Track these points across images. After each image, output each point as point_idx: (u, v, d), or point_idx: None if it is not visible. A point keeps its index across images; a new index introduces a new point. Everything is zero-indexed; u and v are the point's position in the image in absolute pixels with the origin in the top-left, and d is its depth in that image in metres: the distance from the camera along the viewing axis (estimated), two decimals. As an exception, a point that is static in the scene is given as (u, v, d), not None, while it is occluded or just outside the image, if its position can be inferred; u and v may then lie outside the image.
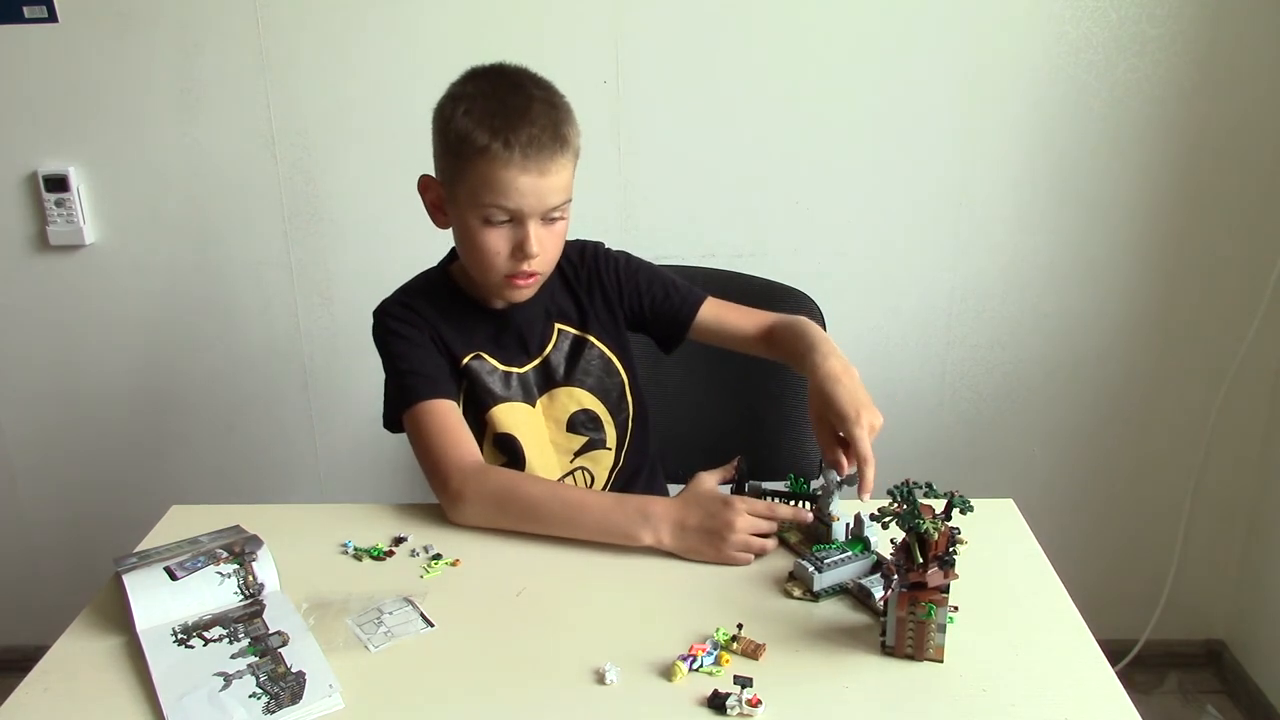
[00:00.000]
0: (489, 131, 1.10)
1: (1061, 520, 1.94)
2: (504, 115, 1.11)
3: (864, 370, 1.96)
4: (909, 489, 0.92)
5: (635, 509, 1.09)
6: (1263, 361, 1.84)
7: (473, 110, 1.12)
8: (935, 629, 0.90)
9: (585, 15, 1.67)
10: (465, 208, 1.15)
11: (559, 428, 1.28)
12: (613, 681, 0.89)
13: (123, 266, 1.82)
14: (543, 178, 1.12)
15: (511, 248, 1.15)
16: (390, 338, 1.23)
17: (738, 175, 1.76)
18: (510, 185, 1.11)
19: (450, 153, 1.14)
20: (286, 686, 0.88)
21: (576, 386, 1.28)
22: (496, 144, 1.10)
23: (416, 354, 1.22)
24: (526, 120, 1.11)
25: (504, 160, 1.10)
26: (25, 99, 1.72)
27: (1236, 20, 1.66)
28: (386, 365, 1.25)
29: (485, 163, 1.11)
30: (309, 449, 1.94)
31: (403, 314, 1.24)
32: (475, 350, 1.24)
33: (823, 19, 1.68)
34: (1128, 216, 1.77)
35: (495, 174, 1.11)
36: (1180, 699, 1.98)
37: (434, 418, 1.18)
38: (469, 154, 1.12)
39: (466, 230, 1.16)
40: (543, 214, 1.15)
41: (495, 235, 1.15)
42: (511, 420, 1.24)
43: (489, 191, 1.12)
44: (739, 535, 1.05)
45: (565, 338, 1.29)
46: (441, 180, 1.19)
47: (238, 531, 1.10)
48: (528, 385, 1.27)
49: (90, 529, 1.98)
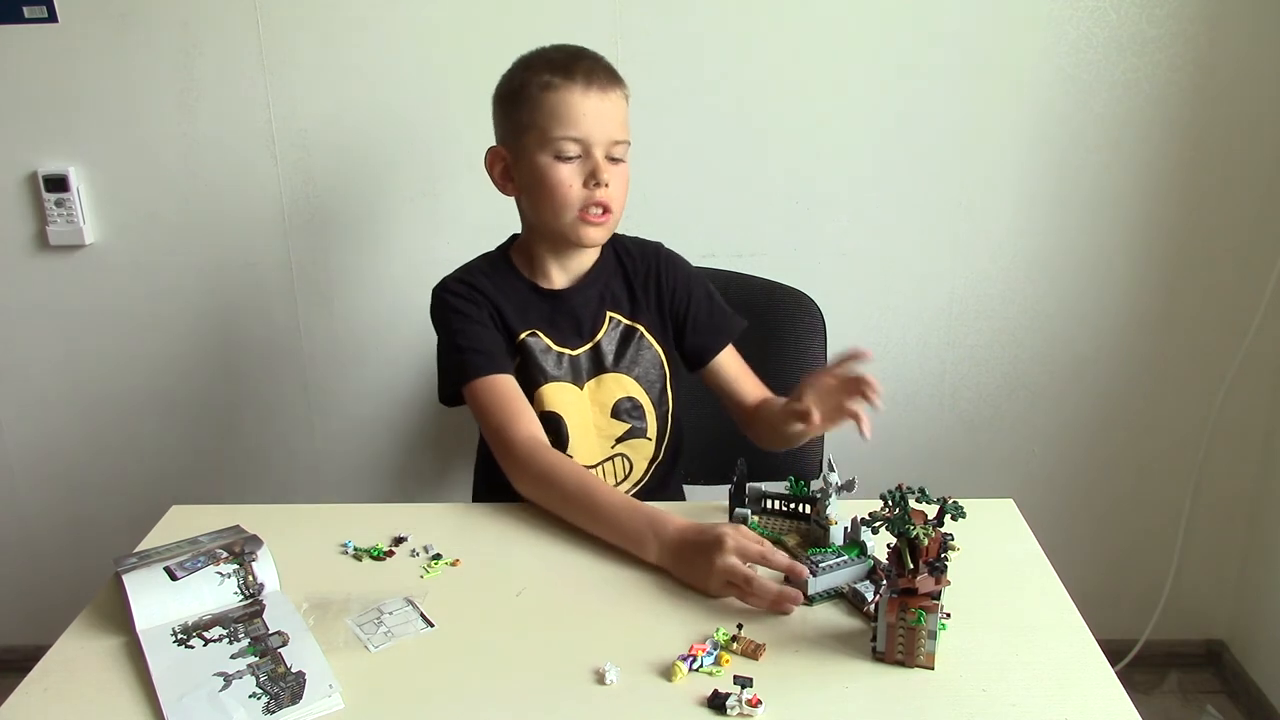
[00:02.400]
0: (549, 69, 1.21)
1: (1061, 520, 1.94)
2: (562, 56, 1.23)
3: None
4: (901, 494, 0.92)
5: (647, 525, 1.08)
6: (1263, 361, 1.84)
7: (533, 65, 1.23)
8: (925, 635, 0.89)
9: (585, 14, 1.67)
10: (535, 152, 1.22)
11: (604, 412, 1.32)
12: (613, 681, 0.89)
13: (123, 266, 1.82)
14: (604, 100, 1.22)
15: (584, 178, 1.22)
16: (450, 314, 1.28)
17: (738, 175, 1.76)
18: (576, 110, 1.20)
19: (516, 106, 1.23)
20: (286, 686, 0.88)
21: (624, 374, 1.32)
22: (558, 76, 1.20)
23: (475, 330, 1.26)
24: (584, 56, 1.24)
25: (567, 88, 1.20)
26: (25, 99, 1.72)
27: (1236, 20, 1.66)
28: (445, 340, 1.29)
29: (551, 94, 1.20)
30: (309, 449, 1.94)
31: (464, 290, 1.28)
32: (531, 328, 1.29)
33: (823, 19, 1.68)
34: (1128, 216, 1.77)
35: (561, 101, 1.20)
36: (1180, 699, 1.98)
37: (495, 393, 1.23)
38: (534, 93, 1.21)
39: (538, 174, 1.22)
40: (608, 144, 1.22)
41: (567, 169, 1.22)
42: (559, 400, 1.28)
43: (557, 123, 1.20)
44: (715, 578, 1.00)
45: (616, 325, 1.33)
46: (507, 143, 1.27)
47: (238, 531, 1.10)
48: (578, 368, 1.31)
49: (90, 529, 1.98)
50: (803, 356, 1.52)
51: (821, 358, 1.52)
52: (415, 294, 1.79)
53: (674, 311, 1.36)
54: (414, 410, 1.90)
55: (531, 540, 1.13)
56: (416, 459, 1.94)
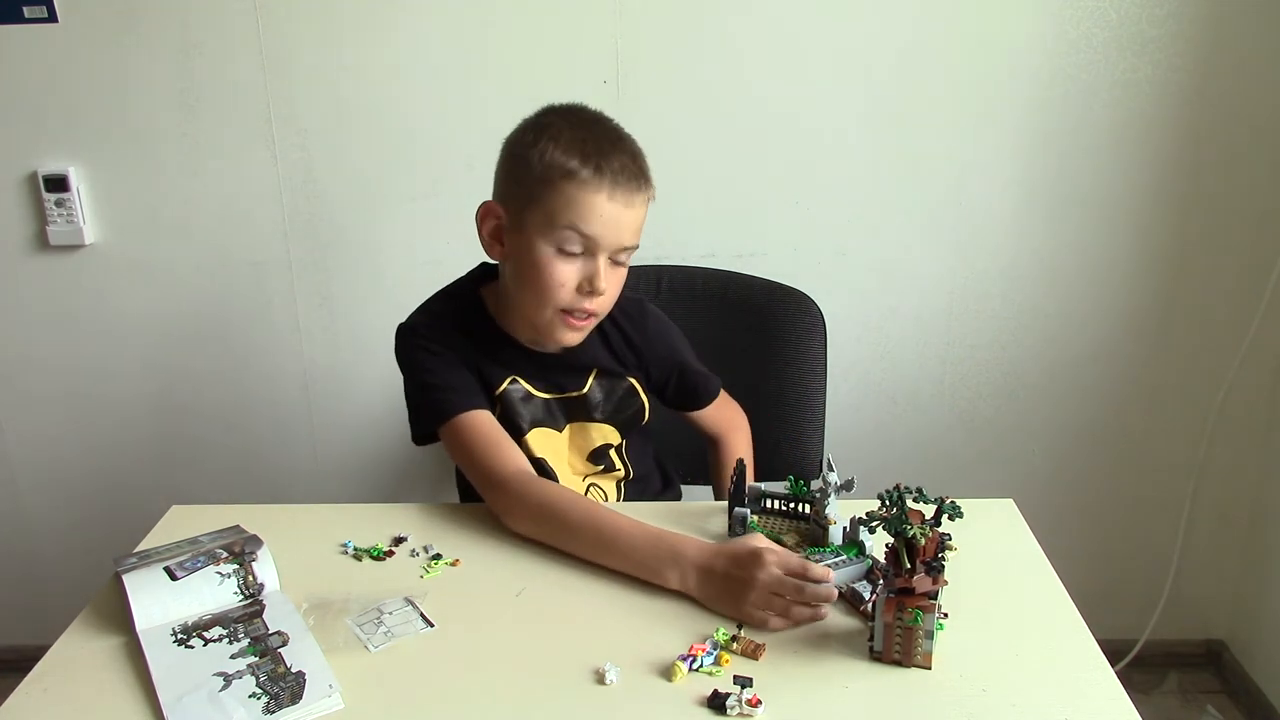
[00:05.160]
0: (580, 156, 1.10)
1: (1061, 520, 1.94)
2: (595, 143, 1.11)
3: (864, 370, 1.96)
4: (899, 493, 0.92)
5: (668, 549, 1.02)
6: (1263, 361, 1.84)
7: (560, 137, 1.11)
8: (922, 635, 0.89)
9: (585, 15, 1.67)
10: (536, 234, 1.12)
11: (581, 456, 1.29)
12: (613, 681, 0.89)
13: (123, 266, 1.82)
14: (627, 209, 1.12)
15: (579, 281, 1.14)
16: (420, 354, 1.21)
17: (738, 175, 1.76)
18: (595, 211, 1.10)
19: (528, 179, 1.12)
20: (286, 686, 0.88)
21: (607, 423, 1.29)
22: (588, 169, 1.10)
23: (447, 370, 1.20)
24: (618, 149, 1.12)
25: (593, 185, 1.10)
26: (25, 99, 1.72)
27: (1236, 20, 1.66)
28: (414, 380, 1.23)
29: (573, 186, 1.10)
30: (309, 449, 1.94)
31: (435, 337, 1.22)
32: (510, 374, 1.23)
33: (823, 19, 1.68)
34: (1127, 216, 1.77)
35: (582, 198, 1.10)
36: (1180, 699, 1.98)
37: (473, 430, 1.17)
38: (554, 178, 1.10)
39: (532, 259, 1.13)
40: (615, 250, 1.14)
41: (565, 266, 1.13)
42: (541, 444, 1.25)
43: (571, 214, 1.10)
44: (758, 593, 0.96)
45: (605, 376, 1.28)
46: (507, 205, 1.16)
47: (238, 531, 1.10)
48: (558, 412, 1.27)
49: (90, 529, 1.98)
50: (803, 356, 1.52)
51: (821, 358, 1.52)
52: (415, 294, 1.77)
53: (655, 378, 1.33)
54: (414, 410, 1.90)
55: (531, 540, 1.13)
56: (417, 459, 1.94)
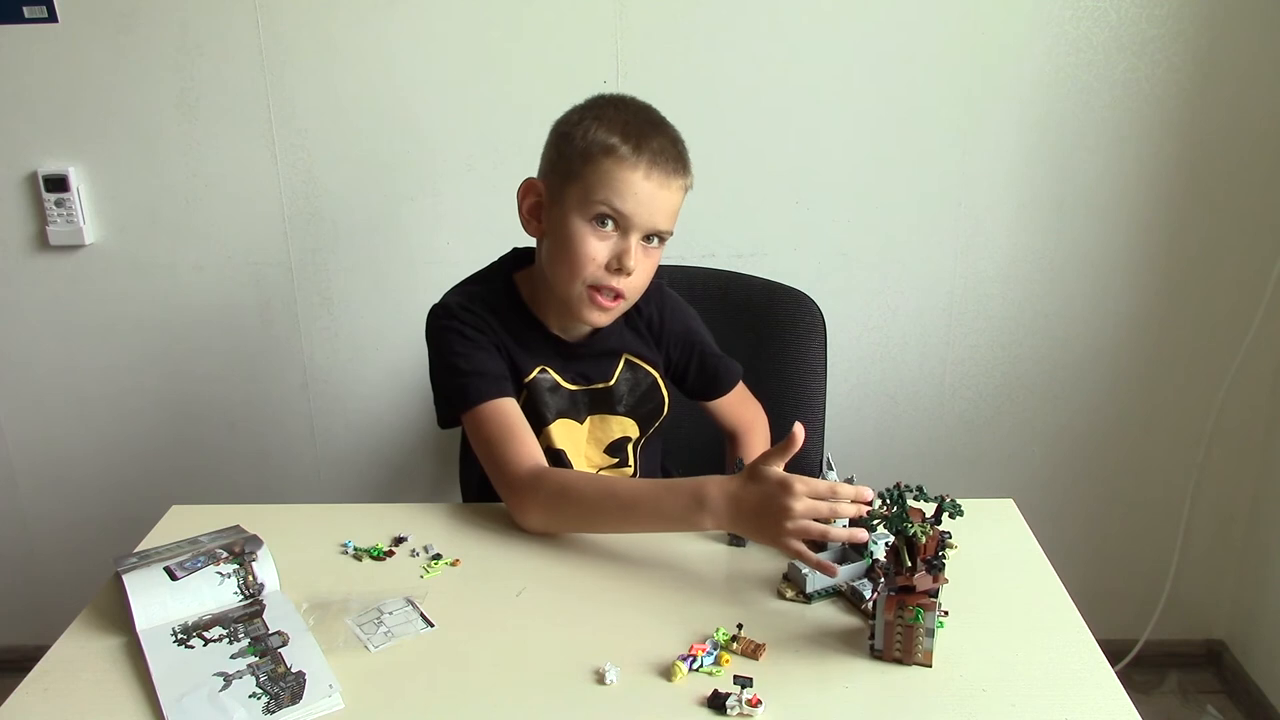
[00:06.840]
0: (621, 134, 1.13)
1: (1061, 520, 1.94)
2: (637, 125, 1.15)
3: (864, 370, 1.96)
4: (899, 492, 0.92)
5: (689, 494, 1.03)
6: (1263, 361, 1.84)
7: (604, 117, 1.15)
8: (923, 633, 0.89)
9: (585, 15, 1.67)
10: (572, 208, 1.15)
11: (598, 448, 1.30)
12: (613, 681, 0.89)
13: (123, 266, 1.82)
14: (662, 189, 1.14)
15: (609, 258, 1.15)
16: (452, 336, 1.21)
17: (738, 175, 1.76)
18: (630, 187, 1.13)
19: (570, 153, 1.15)
20: (286, 686, 0.88)
21: (629, 416, 1.30)
22: (627, 146, 1.13)
23: (479, 355, 1.20)
24: (659, 132, 1.16)
25: (631, 163, 1.12)
26: (25, 99, 1.72)
27: (1236, 20, 1.66)
28: (443, 363, 1.22)
29: (611, 161, 1.13)
30: (309, 449, 1.94)
31: (470, 320, 1.22)
32: (540, 364, 1.24)
33: (823, 19, 1.68)
34: (1128, 216, 1.77)
35: (618, 173, 1.12)
36: (1180, 699, 1.98)
37: (496, 419, 1.17)
38: (595, 153, 1.13)
39: (567, 232, 1.15)
40: (648, 231, 1.16)
41: (597, 241, 1.15)
42: (563, 436, 1.25)
43: (606, 189, 1.13)
44: (796, 522, 0.96)
45: (631, 369, 1.29)
46: (548, 180, 1.19)
47: (238, 531, 1.10)
48: (581, 403, 1.27)
49: (90, 529, 1.98)
50: (803, 356, 1.52)
51: (821, 358, 1.52)
52: (415, 294, 1.79)
53: (675, 360, 1.34)
54: (414, 410, 1.90)
55: (531, 540, 1.13)
56: (416, 459, 1.94)
